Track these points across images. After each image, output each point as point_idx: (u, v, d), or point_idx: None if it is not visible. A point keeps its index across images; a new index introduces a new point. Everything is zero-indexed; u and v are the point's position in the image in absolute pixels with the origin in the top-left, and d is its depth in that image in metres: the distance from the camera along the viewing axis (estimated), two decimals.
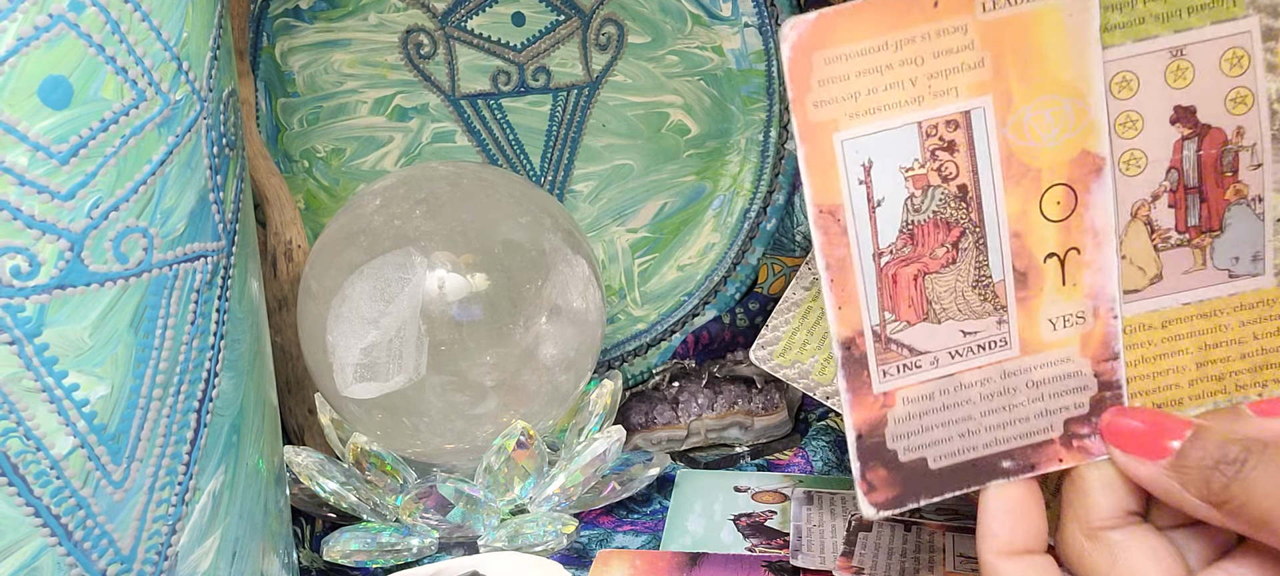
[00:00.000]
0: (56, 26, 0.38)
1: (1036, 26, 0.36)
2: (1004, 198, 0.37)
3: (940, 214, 0.37)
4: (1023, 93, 0.36)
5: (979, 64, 0.36)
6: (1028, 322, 0.38)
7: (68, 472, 0.40)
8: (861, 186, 0.36)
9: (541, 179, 0.71)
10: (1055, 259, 0.37)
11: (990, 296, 0.37)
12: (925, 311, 0.37)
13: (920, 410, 0.38)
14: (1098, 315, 0.38)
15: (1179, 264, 0.38)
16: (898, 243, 0.37)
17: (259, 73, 0.68)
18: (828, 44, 0.35)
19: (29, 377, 0.39)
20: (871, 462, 0.38)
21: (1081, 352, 0.38)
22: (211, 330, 0.43)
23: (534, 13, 0.69)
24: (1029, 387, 0.38)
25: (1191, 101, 0.37)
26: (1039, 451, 0.38)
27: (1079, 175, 0.37)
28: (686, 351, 0.72)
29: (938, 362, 0.38)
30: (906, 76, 0.35)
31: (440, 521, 0.58)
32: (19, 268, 0.39)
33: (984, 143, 0.36)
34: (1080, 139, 0.37)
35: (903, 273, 0.37)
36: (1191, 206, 0.38)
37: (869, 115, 0.36)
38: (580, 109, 0.70)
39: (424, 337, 0.57)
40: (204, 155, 0.42)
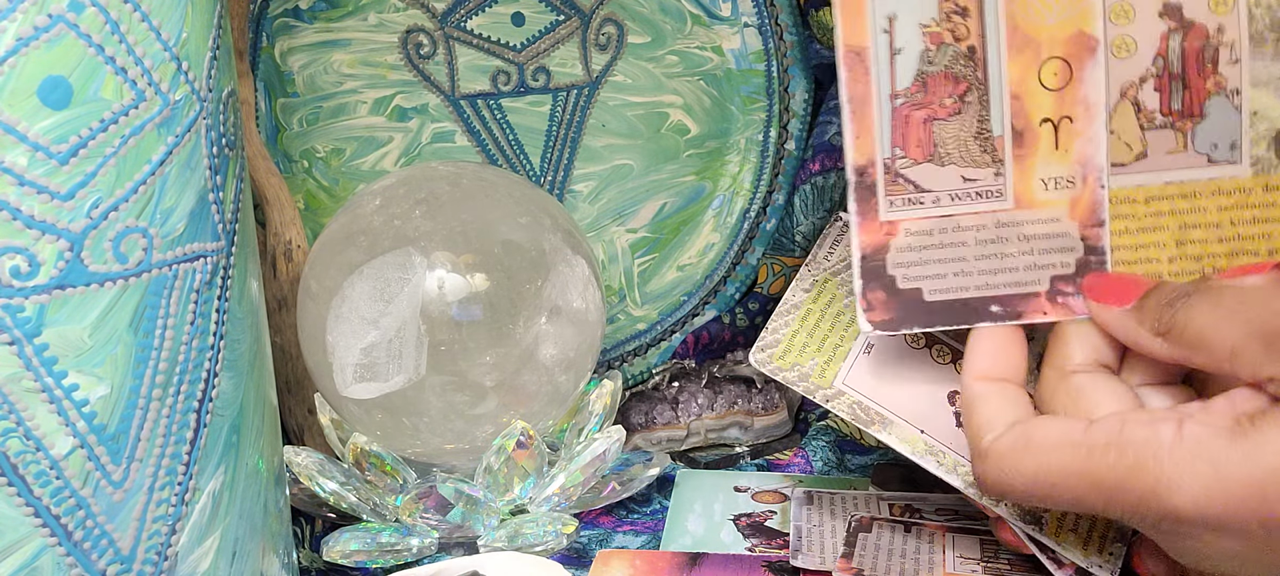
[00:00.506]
0: (56, 26, 0.38)
1: None
2: (1007, 62, 0.41)
3: (951, 68, 0.41)
4: None
5: None
6: (1022, 178, 0.42)
7: (68, 472, 0.40)
8: (885, 34, 0.41)
9: (541, 179, 0.71)
10: (1050, 124, 0.41)
11: (990, 149, 0.41)
12: (931, 152, 0.41)
13: (920, 243, 0.42)
14: (1086, 182, 0.42)
15: (1162, 144, 0.41)
16: (912, 88, 0.41)
17: (259, 73, 0.68)
18: None
19: (29, 377, 0.39)
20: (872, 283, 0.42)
21: (1070, 215, 0.42)
22: (211, 330, 0.43)
23: (534, 13, 0.69)
24: (1020, 241, 0.42)
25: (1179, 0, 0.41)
26: (1025, 301, 0.42)
27: (1075, 51, 0.41)
28: (686, 351, 0.72)
29: (939, 202, 0.42)
30: None
31: (440, 521, 0.58)
32: (19, 268, 0.39)
33: (993, 11, 0.41)
34: (1078, 19, 0.41)
35: (914, 115, 0.41)
36: (1175, 92, 0.41)
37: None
38: (580, 109, 0.70)
39: (424, 337, 0.57)
40: (204, 155, 0.42)
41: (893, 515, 0.55)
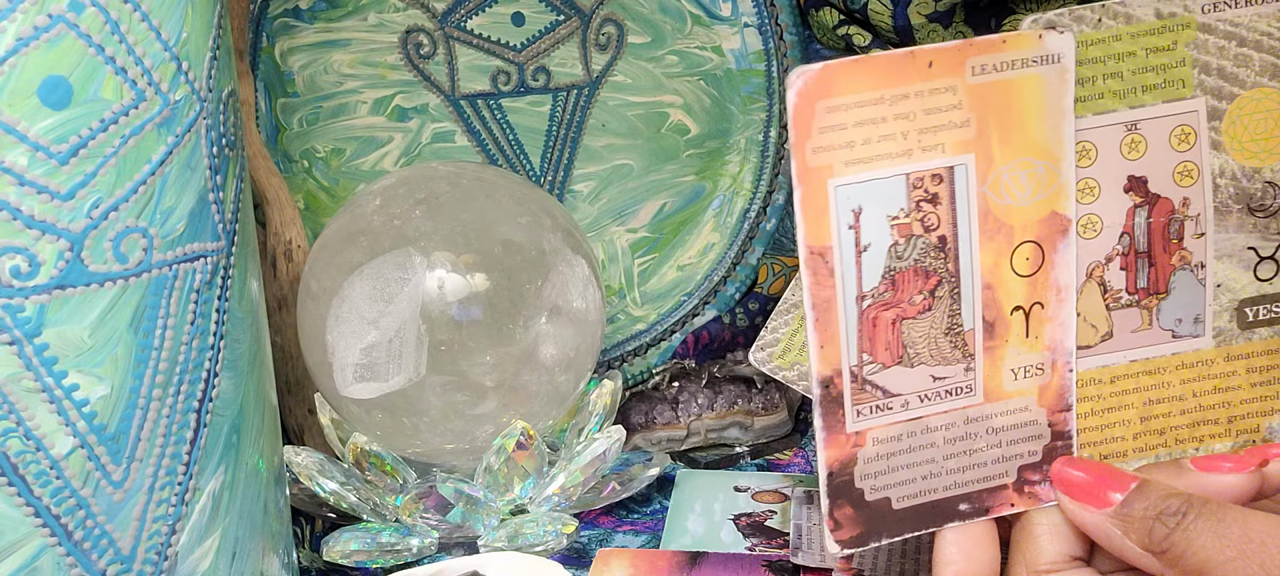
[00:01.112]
0: (56, 27, 0.38)
1: (1019, 92, 0.38)
2: (979, 251, 0.39)
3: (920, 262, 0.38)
4: (1002, 153, 0.38)
5: (965, 123, 0.38)
6: (992, 371, 0.39)
7: (68, 472, 0.40)
8: (851, 231, 0.37)
9: (541, 179, 0.71)
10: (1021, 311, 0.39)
11: (960, 344, 0.39)
12: (900, 355, 0.39)
13: (889, 451, 0.39)
14: (1055, 368, 0.40)
15: (1128, 323, 0.40)
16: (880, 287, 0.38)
17: (259, 73, 0.68)
18: (830, 94, 0.36)
19: (29, 377, 0.39)
20: (839, 500, 0.39)
21: (1038, 403, 0.40)
22: (211, 330, 0.43)
23: (534, 13, 0.69)
24: (989, 434, 0.40)
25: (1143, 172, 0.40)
26: (994, 495, 0.40)
27: (1047, 234, 0.39)
28: (686, 351, 0.72)
29: (908, 405, 0.39)
30: (899, 130, 0.37)
31: (440, 521, 0.58)
32: (19, 268, 0.39)
33: (964, 197, 0.38)
34: (1051, 200, 0.39)
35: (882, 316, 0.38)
36: (1141, 270, 0.40)
37: (862, 164, 0.37)
38: (580, 109, 0.70)
39: (424, 337, 0.57)
40: (204, 155, 0.42)
41: None
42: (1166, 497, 0.37)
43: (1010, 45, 0.37)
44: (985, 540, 0.40)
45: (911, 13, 0.65)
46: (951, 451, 0.39)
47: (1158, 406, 0.41)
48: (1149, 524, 0.37)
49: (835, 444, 0.39)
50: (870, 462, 0.39)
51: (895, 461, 0.39)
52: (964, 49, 0.37)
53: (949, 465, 0.39)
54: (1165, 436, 0.41)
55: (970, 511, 0.40)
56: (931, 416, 0.39)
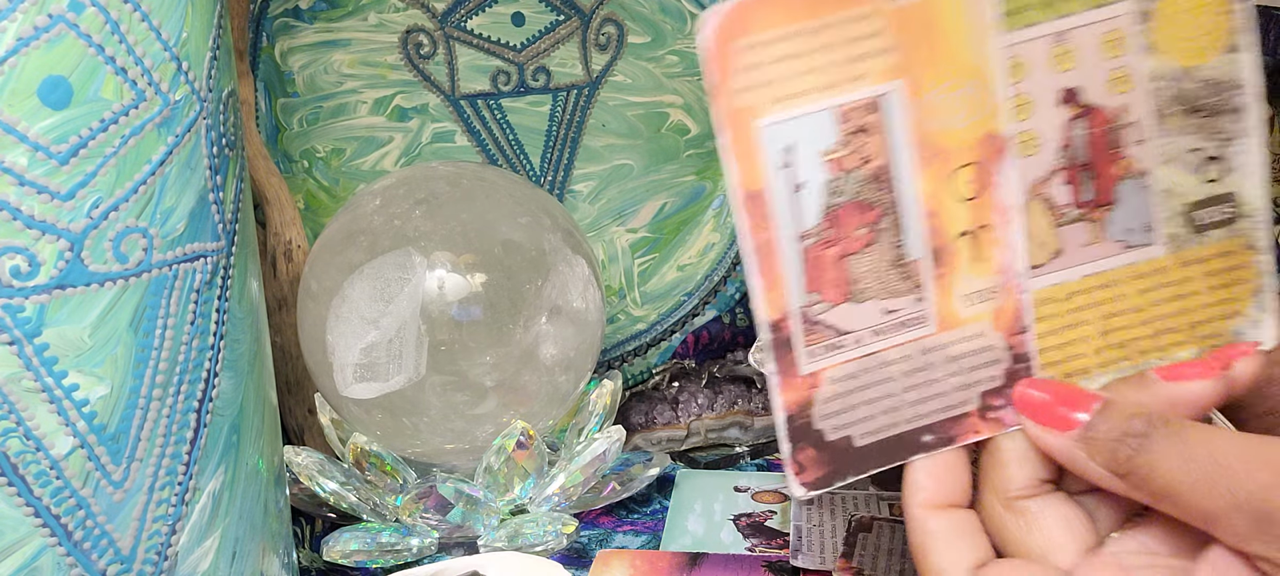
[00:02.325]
0: (56, 26, 0.38)
1: (940, 12, 0.37)
2: (918, 178, 0.38)
3: (859, 196, 0.38)
4: (930, 76, 0.37)
5: (889, 49, 0.37)
6: (944, 299, 0.39)
7: (68, 472, 0.40)
8: (783, 171, 0.37)
9: (541, 179, 0.71)
10: (968, 236, 0.38)
11: (909, 275, 0.38)
12: (848, 291, 0.38)
13: (845, 389, 0.39)
14: (1007, 290, 0.39)
15: (1077, 238, 0.39)
16: (820, 225, 0.37)
17: (259, 73, 0.68)
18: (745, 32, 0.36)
19: (29, 377, 0.39)
20: (800, 443, 0.38)
21: (995, 327, 0.39)
22: (211, 330, 0.43)
23: (534, 13, 0.69)
24: (947, 363, 0.39)
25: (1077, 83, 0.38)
26: (957, 424, 0.39)
27: (986, 155, 0.38)
28: (686, 351, 0.72)
29: (861, 342, 0.38)
30: (821, 62, 0.36)
31: (440, 521, 0.58)
32: (19, 268, 0.39)
33: (898, 126, 0.37)
34: (986, 120, 0.38)
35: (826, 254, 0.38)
36: (1084, 183, 0.39)
37: (787, 101, 0.36)
38: (580, 109, 0.70)
39: (424, 337, 0.57)
40: (204, 155, 0.42)
41: (893, 515, 0.55)
42: (1130, 417, 0.37)
43: None
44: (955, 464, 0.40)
45: None
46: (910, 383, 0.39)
47: (1117, 319, 0.40)
48: (1112, 445, 0.37)
49: (790, 387, 0.38)
50: (828, 402, 0.38)
51: (853, 399, 0.39)
52: None
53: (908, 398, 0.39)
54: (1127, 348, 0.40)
55: (934, 442, 0.39)
56: (886, 350, 0.39)
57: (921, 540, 0.39)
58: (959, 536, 0.39)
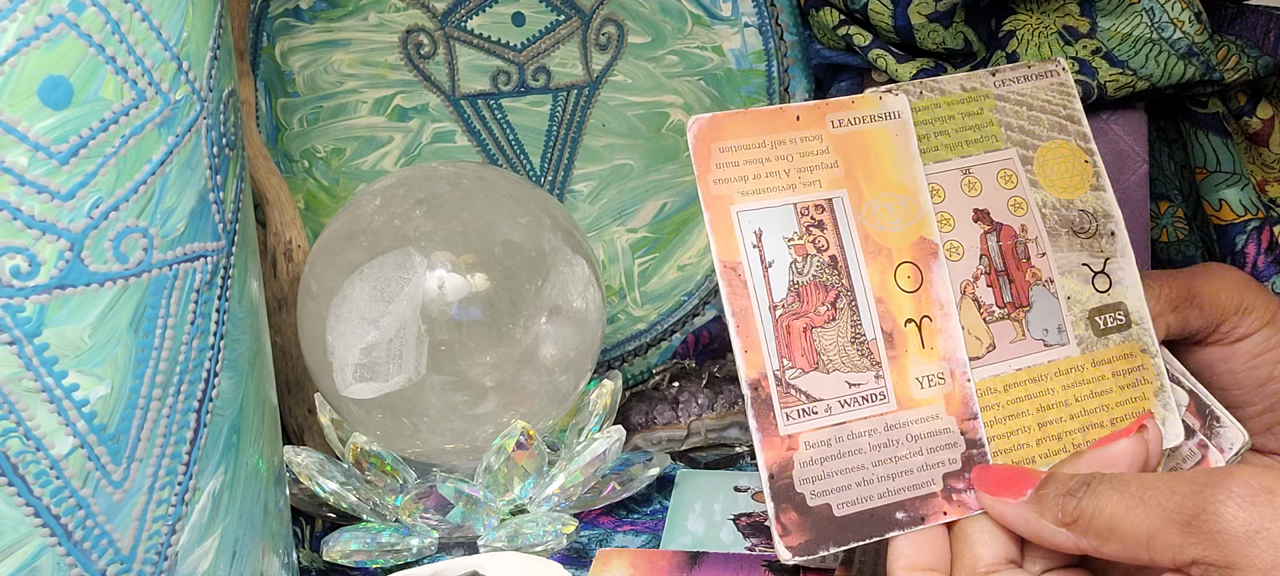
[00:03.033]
0: (56, 26, 0.38)
1: (873, 140, 0.46)
2: (866, 269, 0.44)
3: (819, 277, 0.44)
4: (869, 189, 0.45)
5: (834, 165, 0.45)
6: (900, 379, 0.44)
7: (68, 472, 0.40)
8: (755, 249, 0.44)
9: (541, 179, 0.71)
10: (913, 324, 0.45)
11: (867, 352, 0.44)
12: (816, 360, 0.43)
13: (821, 455, 0.43)
14: (954, 377, 0.45)
15: (1005, 334, 0.46)
16: (788, 298, 0.44)
17: (259, 73, 0.68)
18: (721, 138, 0.44)
19: (29, 377, 0.39)
20: (783, 504, 0.42)
21: (947, 410, 0.44)
22: (211, 330, 0.43)
23: (534, 13, 0.69)
24: (909, 441, 0.44)
25: (985, 206, 0.47)
26: (926, 503, 0.44)
27: (920, 255, 0.45)
28: (686, 351, 0.72)
29: (831, 410, 0.43)
30: (781, 168, 0.45)
31: (440, 521, 0.58)
32: (19, 268, 0.39)
33: (845, 224, 0.45)
34: (917, 227, 0.45)
35: (794, 325, 0.43)
36: (1004, 286, 0.46)
37: (756, 194, 0.44)
38: (580, 109, 0.70)
39: (424, 337, 0.57)
40: (204, 155, 0.42)
41: None
42: (1071, 478, 0.42)
43: (858, 105, 0.46)
44: (935, 535, 0.44)
45: (911, 13, 0.65)
46: (878, 458, 0.43)
47: (1049, 412, 0.45)
48: (1059, 500, 0.41)
49: (772, 446, 0.42)
50: (806, 466, 0.43)
51: (829, 466, 0.43)
52: (822, 107, 0.45)
53: (878, 472, 0.43)
54: (1062, 441, 0.45)
55: (906, 520, 0.43)
56: (854, 422, 0.43)
57: None
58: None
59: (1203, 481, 0.39)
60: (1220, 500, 0.38)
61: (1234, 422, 0.49)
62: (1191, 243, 0.71)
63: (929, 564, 0.43)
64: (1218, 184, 0.68)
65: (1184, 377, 0.50)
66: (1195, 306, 0.49)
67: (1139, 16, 0.65)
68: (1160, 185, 0.71)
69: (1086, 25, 0.66)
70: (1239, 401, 0.50)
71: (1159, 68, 0.65)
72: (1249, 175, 0.69)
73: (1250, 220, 0.68)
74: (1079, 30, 0.66)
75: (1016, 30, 0.66)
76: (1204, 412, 0.49)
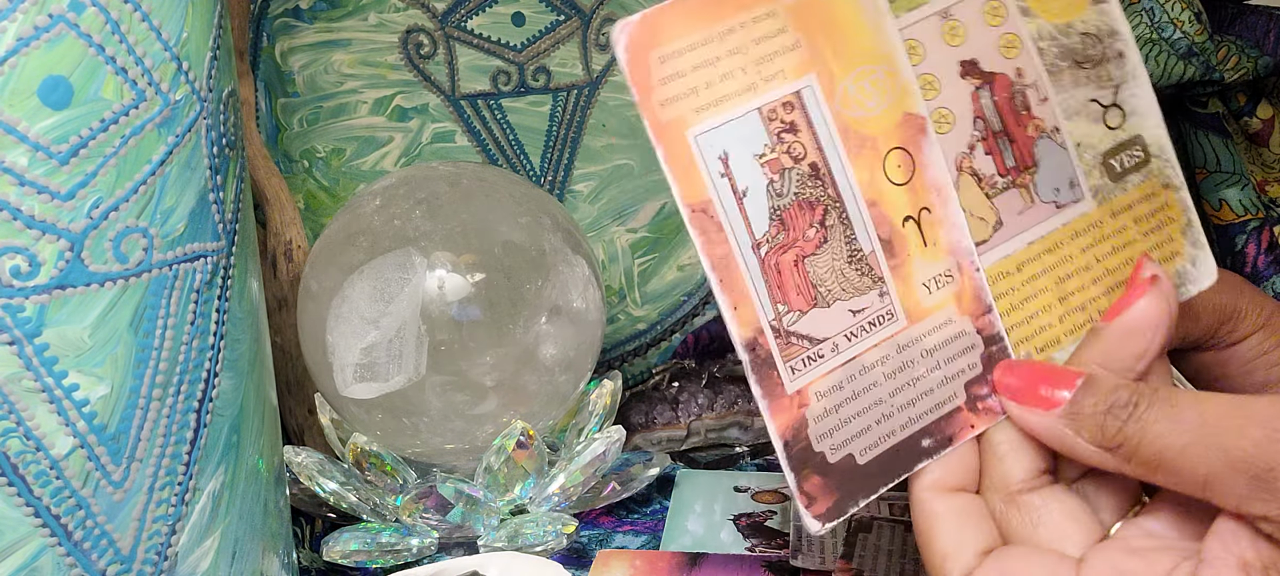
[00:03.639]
0: (56, 26, 0.38)
1: (833, 4, 0.38)
2: (852, 169, 0.38)
3: (801, 194, 0.38)
4: (840, 66, 0.38)
5: (796, 45, 0.37)
6: (906, 290, 0.39)
7: (68, 472, 0.40)
8: (724, 179, 0.37)
9: (541, 179, 0.71)
10: (912, 221, 0.39)
11: (866, 269, 0.38)
12: (814, 296, 0.38)
13: (835, 403, 0.38)
14: (962, 270, 0.39)
15: (1012, 205, 0.40)
16: (771, 230, 0.37)
17: (259, 73, 0.68)
18: (656, 43, 0.36)
19: (29, 377, 0.39)
20: (804, 470, 0.38)
21: (960, 311, 0.39)
22: (211, 330, 0.43)
23: (534, 13, 0.69)
24: (924, 357, 0.39)
25: (972, 55, 0.40)
26: (951, 421, 0.39)
27: (909, 136, 0.39)
28: (686, 351, 0.72)
29: (837, 349, 0.38)
30: (736, 65, 0.37)
31: (440, 521, 0.58)
32: (19, 268, 0.39)
33: (821, 119, 0.38)
34: (900, 102, 0.39)
35: (783, 260, 0.37)
36: (1004, 149, 0.40)
37: (713, 107, 0.37)
38: (580, 109, 0.70)
39: (424, 337, 0.57)
40: (204, 155, 0.42)
41: (893, 515, 0.55)
42: (1115, 389, 0.36)
43: None
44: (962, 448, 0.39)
45: None
46: (895, 386, 0.38)
47: (1070, 282, 0.40)
48: (1100, 419, 0.36)
49: (780, 410, 0.37)
50: (821, 420, 0.38)
51: (845, 412, 0.38)
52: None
53: (897, 401, 0.38)
54: (1088, 310, 0.40)
55: (934, 446, 0.39)
56: (864, 354, 0.38)
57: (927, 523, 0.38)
58: (966, 520, 0.38)
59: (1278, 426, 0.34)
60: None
61: None
62: None
63: (957, 481, 0.39)
64: (1218, 184, 0.68)
65: (1179, 383, 0.50)
66: (1191, 316, 0.45)
67: (1139, 16, 0.65)
68: None
69: None
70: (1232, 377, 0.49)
71: (1159, 68, 0.65)
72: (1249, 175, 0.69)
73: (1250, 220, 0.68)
74: None
75: None
76: None
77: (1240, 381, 0.48)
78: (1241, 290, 0.47)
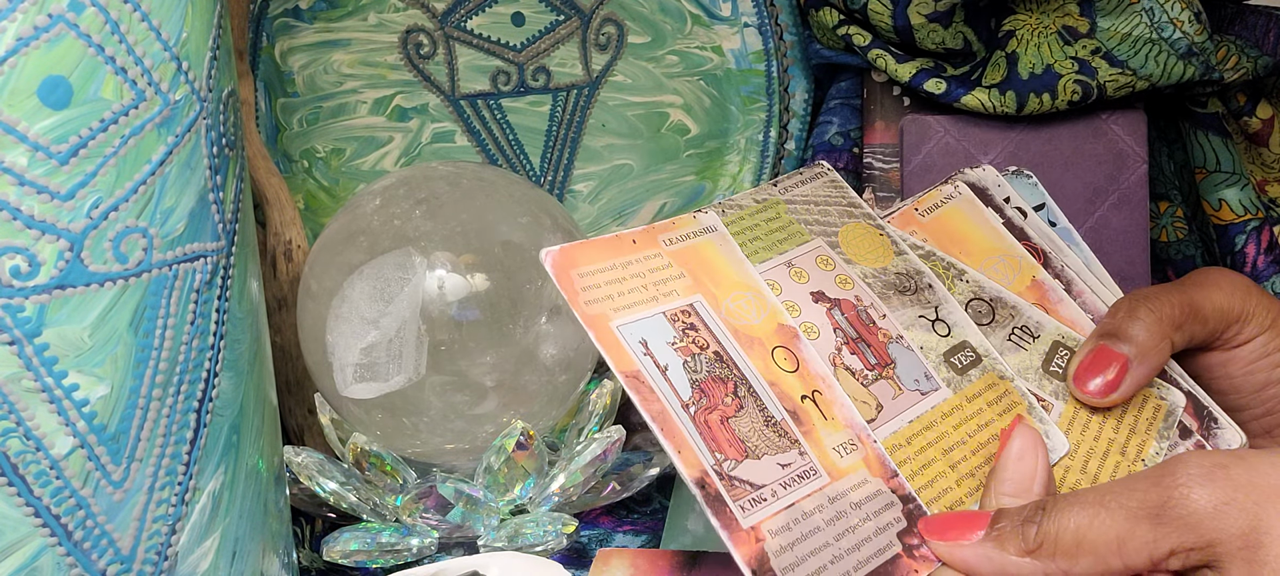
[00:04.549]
0: (56, 26, 0.38)
1: (704, 251, 0.47)
2: (749, 359, 0.45)
3: (712, 372, 0.44)
4: (718, 290, 0.46)
5: (681, 275, 0.46)
6: (820, 453, 0.44)
7: (68, 472, 0.40)
8: (647, 357, 0.43)
9: (541, 179, 0.71)
10: (809, 399, 0.45)
11: (782, 432, 0.44)
12: (744, 449, 0.43)
13: (788, 541, 0.42)
14: (862, 441, 0.45)
15: (886, 393, 0.46)
16: (694, 396, 0.43)
17: (259, 73, 0.68)
18: (576, 265, 0.44)
19: (29, 377, 0.39)
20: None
21: (872, 473, 0.44)
22: (211, 330, 0.43)
23: (534, 13, 0.69)
24: (854, 509, 0.43)
25: (818, 287, 0.48)
26: (895, 567, 0.43)
27: (786, 339, 0.46)
28: None
29: (776, 494, 0.42)
30: (638, 285, 0.45)
31: (440, 521, 0.58)
32: (19, 268, 0.39)
33: (713, 324, 0.45)
34: (772, 316, 0.47)
35: (711, 419, 0.43)
36: (865, 350, 0.47)
37: (628, 309, 0.44)
38: (580, 109, 0.70)
39: (424, 337, 0.57)
40: (204, 155, 0.42)
41: None
42: (1024, 507, 0.42)
43: (679, 225, 0.47)
44: None
45: (911, 13, 0.65)
46: (836, 532, 0.42)
47: (954, 453, 0.46)
48: (1020, 530, 0.41)
49: (742, 541, 0.41)
50: (780, 554, 0.41)
51: (800, 550, 0.42)
52: (652, 230, 0.47)
53: (842, 545, 0.42)
54: (976, 476, 0.45)
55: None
56: (801, 501, 0.42)
57: None
58: None
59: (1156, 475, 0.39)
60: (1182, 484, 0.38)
61: (1232, 424, 0.49)
62: (1191, 243, 0.71)
63: None
64: (1217, 184, 0.68)
65: (1181, 380, 0.50)
66: (1198, 321, 0.49)
67: (1139, 16, 0.65)
68: (1160, 185, 0.71)
69: (1086, 25, 0.66)
70: (1237, 405, 0.50)
71: (1159, 68, 0.65)
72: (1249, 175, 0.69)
73: (1250, 220, 0.68)
74: (1079, 30, 0.66)
75: (1016, 30, 0.66)
76: (1202, 414, 0.49)
77: (1243, 382, 0.49)
78: (1248, 292, 0.49)
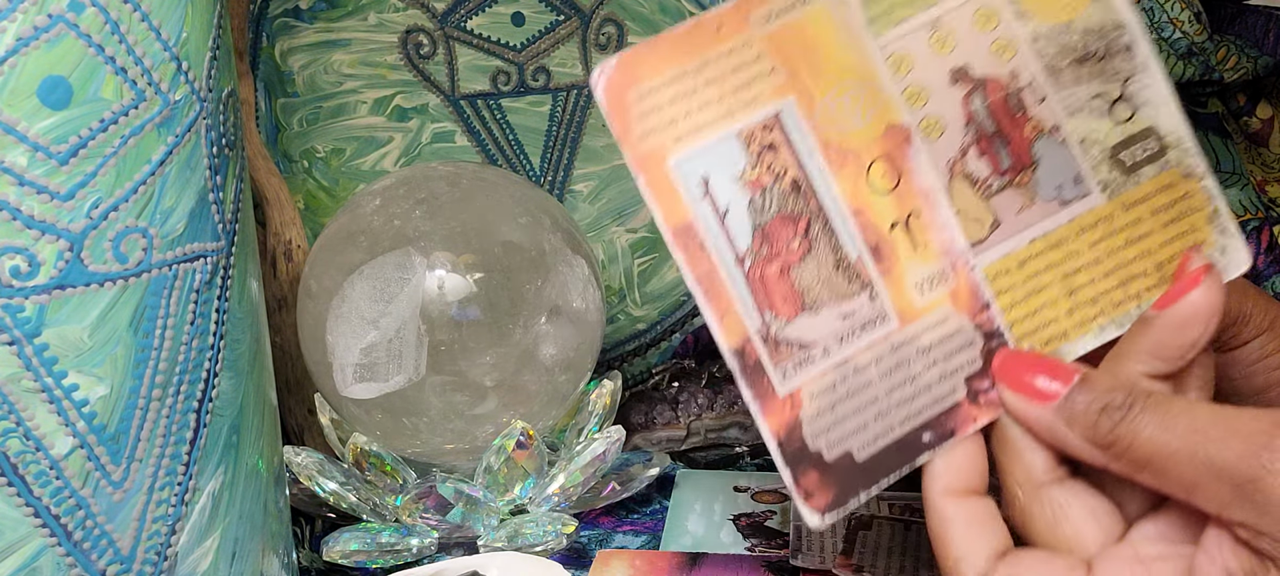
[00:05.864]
0: (56, 26, 0.38)
1: (810, 27, 0.39)
2: (834, 182, 0.39)
3: (783, 209, 0.39)
4: (818, 85, 0.39)
5: (772, 70, 0.39)
6: (897, 293, 0.39)
7: (67, 472, 0.40)
8: (705, 200, 0.38)
9: (541, 179, 0.71)
10: (899, 227, 0.39)
11: (854, 275, 0.39)
12: (800, 303, 0.38)
13: (829, 403, 0.39)
14: (956, 270, 0.40)
15: (1010, 205, 0.40)
16: (754, 244, 0.38)
17: (259, 73, 0.68)
18: (635, 81, 0.38)
19: (29, 378, 0.39)
20: (800, 467, 0.38)
21: (956, 309, 0.40)
22: (211, 330, 0.43)
23: (534, 13, 0.69)
24: (920, 354, 0.39)
25: (962, 61, 0.40)
26: (952, 416, 0.39)
27: (893, 146, 0.39)
28: (686, 351, 0.72)
29: (828, 351, 0.39)
30: (713, 95, 0.38)
31: (440, 521, 0.58)
32: (19, 268, 0.39)
33: (800, 137, 0.39)
34: (882, 115, 0.39)
35: (768, 271, 0.38)
36: (999, 151, 0.40)
37: (691, 136, 0.38)
38: (580, 109, 0.70)
39: (424, 337, 0.57)
40: (204, 155, 0.42)
41: (892, 514, 0.55)
42: (1111, 390, 0.37)
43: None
44: (973, 450, 0.39)
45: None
46: (891, 384, 0.39)
47: (1078, 276, 0.40)
48: (1094, 417, 0.37)
49: (773, 411, 0.38)
50: (815, 419, 0.38)
51: (840, 411, 0.39)
52: (744, 5, 0.38)
53: (894, 398, 0.39)
54: (1099, 303, 0.40)
55: (934, 440, 0.39)
56: (857, 355, 0.39)
57: (940, 528, 0.39)
58: (978, 524, 0.39)
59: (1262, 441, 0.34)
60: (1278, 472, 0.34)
61: None
62: None
63: (968, 484, 0.39)
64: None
65: None
66: None
67: None
68: None
69: None
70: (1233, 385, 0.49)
71: None
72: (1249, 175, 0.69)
73: (1250, 220, 0.68)
74: None
75: None
76: None
77: (1242, 384, 0.49)
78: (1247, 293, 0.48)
